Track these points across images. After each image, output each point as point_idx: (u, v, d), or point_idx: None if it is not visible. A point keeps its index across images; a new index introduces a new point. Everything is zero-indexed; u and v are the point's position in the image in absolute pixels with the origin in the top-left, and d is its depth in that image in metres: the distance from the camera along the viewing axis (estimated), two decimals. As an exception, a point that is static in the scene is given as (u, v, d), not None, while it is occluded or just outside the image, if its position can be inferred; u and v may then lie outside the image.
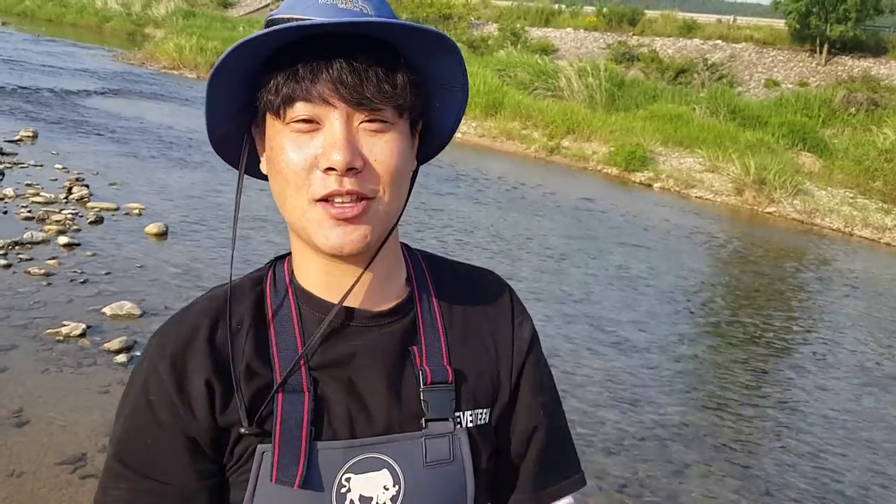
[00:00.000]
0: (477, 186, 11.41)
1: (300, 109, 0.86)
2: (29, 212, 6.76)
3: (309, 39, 0.85)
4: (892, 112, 19.00)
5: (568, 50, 27.48)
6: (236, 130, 0.97)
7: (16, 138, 9.73)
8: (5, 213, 6.71)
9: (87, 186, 7.89)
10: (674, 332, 6.49)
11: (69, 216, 6.81)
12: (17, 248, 5.88)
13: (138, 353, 4.52)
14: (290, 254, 1.01)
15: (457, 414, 0.96)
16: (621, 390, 5.17)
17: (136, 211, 7.36)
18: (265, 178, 0.97)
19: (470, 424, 0.97)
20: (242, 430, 0.88)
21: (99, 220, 6.91)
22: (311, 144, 0.86)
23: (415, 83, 0.90)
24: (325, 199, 0.86)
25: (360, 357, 0.94)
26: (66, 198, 7.41)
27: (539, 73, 20.56)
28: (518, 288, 6.55)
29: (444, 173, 11.96)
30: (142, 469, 0.90)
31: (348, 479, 0.90)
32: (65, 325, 4.72)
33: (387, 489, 0.91)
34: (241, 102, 0.93)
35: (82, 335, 4.67)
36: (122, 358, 4.45)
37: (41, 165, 8.56)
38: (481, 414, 0.98)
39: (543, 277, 7.31)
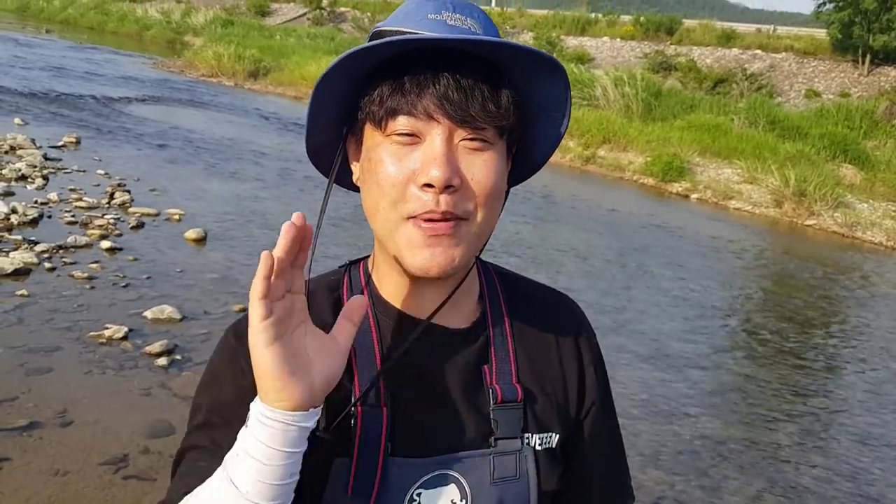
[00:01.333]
0: (512, 196, 11.37)
1: (402, 123, 0.86)
2: (72, 216, 6.89)
3: (415, 53, 0.86)
4: (936, 124, 18.64)
5: (604, 59, 27.38)
6: (331, 139, 0.98)
7: (60, 144, 9.94)
8: (50, 217, 6.85)
9: (128, 192, 8.03)
10: (711, 344, 6.41)
11: (111, 221, 6.93)
12: (61, 251, 5.99)
13: (179, 357, 4.61)
14: (363, 259, 1.03)
15: (525, 434, 0.97)
16: (657, 402, 5.12)
17: (177, 216, 7.46)
18: (354, 189, 1.00)
19: (538, 447, 0.98)
20: (318, 434, 0.87)
21: (140, 225, 7.02)
22: (411, 158, 0.86)
23: (518, 104, 0.89)
24: (419, 217, 0.86)
25: (434, 374, 0.96)
26: (108, 203, 7.54)
27: (575, 82, 20.49)
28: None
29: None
30: (230, 420, 0.88)
31: (419, 494, 0.91)
32: (107, 328, 4.80)
33: None
34: (339, 111, 0.94)
35: (124, 338, 4.74)
36: (162, 361, 4.51)
37: (84, 171, 8.72)
38: (548, 437, 1.00)
39: (580, 287, 7.28)
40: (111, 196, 7.73)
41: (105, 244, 6.28)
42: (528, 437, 0.97)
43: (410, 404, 0.93)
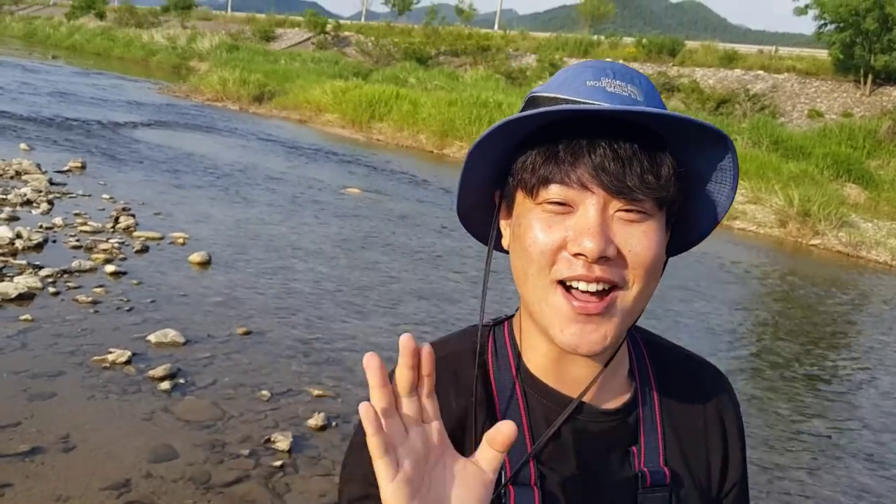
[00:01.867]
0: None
1: (555, 191, 0.83)
2: (77, 241, 6.91)
3: (571, 120, 0.83)
4: (939, 143, 18.65)
5: (606, 81, 27.48)
6: (480, 202, 0.96)
7: (65, 169, 10.00)
8: (54, 241, 6.87)
9: (133, 216, 8.06)
10: (719, 366, 6.37)
11: (116, 245, 6.94)
12: (65, 276, 6.01)
13: (182, 381, 4.60)
14: (505, 319, 1.00)
15: None
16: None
17: (181, 240, 7.48)
18: (506, 252, 0.95)
19: None
20: None
21: (144, 249, 7.04)
22: (562, 226, 0.83)
23: (678, 175, 0.85)
24: (569, 284, 0.83)
25: (584, 453, 0.93)
26: (112, 227, 7.56)
27: (577, 104, 20.59)
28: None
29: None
30: None
31: None
32: (111, 353, 4.79)
33: None
34: (492, 174, 0.92)
35: (128, 362, 4.74)
36: (165, 385, 4.50)
37: (89, 195, 8.76)
38: None
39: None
40: (116, 220, 7.76)
41: (109, 268, 6.29)
42: None
43: (559, 484, 0.91)
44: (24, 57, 31.48)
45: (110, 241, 7.06)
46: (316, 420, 4.27)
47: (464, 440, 0.90)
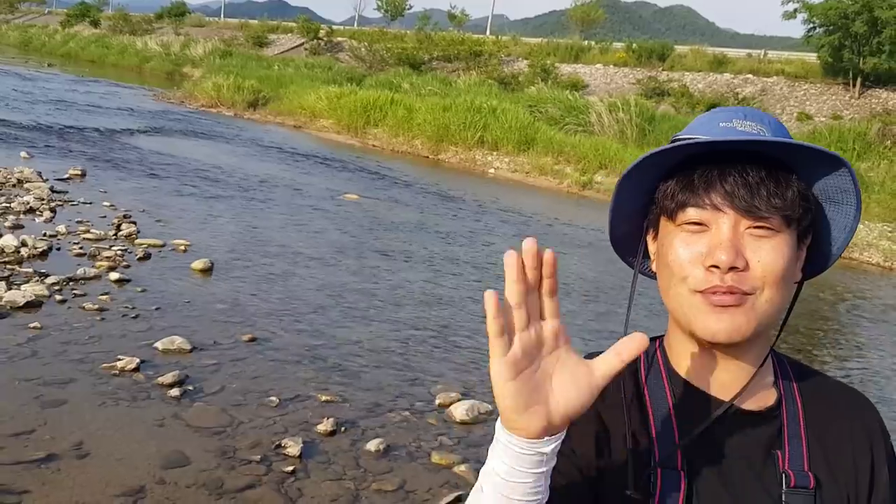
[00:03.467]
0: (513, 221, 11.51)
1: (692, 214, 0.96)
2: (81, 248, 6.97)
3: (706, 155, 0.96)
4: (928, 145, 18.83)
5: (598, 86, 27.65)
6: (632, 232, 1.09)
7: (66, 177, 10.05)
8: (59, 249, 6.92)
9: (134, 223, 8.12)
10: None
11: (119, 252, 7.00)
12: (71, 283, 6.06)
13: (191, 388, 4.66)
14: (659, 337, 1.12)
15: None
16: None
17: (182, 247, 7.54)
18: (653, 276, 1.08)
19: None
20: (628, 492, 0.95)
21: (147, 257, 7.10)
22: (699, 243, 0.96)
23: (805, 197, 0.97)
24: (705, 292, 0.95)
25: (728, 449, 1.01)
26: (115, 234, 7.62)
27: (570, 109, 20.73)
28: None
29: (479, 209, 12.09)
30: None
31: None
32: (119, 360, 4.85)
33: None
34: (640, 204, 1.05)
35: (136, 369, 4.80)
36: (174, 392, 4.57)
37: (90, 203, 8.82)
38: None
39: (580, 313, 7.35)
40: (118, 228, 7.82)
41: (114, 276, 6.35)
42: None
43: (705, 473, 1.00)
44: (20, 65, 31.44)
45: (113, 248, 7.12)
46: (325, 425, 4.34)
47: (614, 435, 1.00)
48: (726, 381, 1.02)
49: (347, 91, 21.27)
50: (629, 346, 0.81)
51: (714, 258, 0.93)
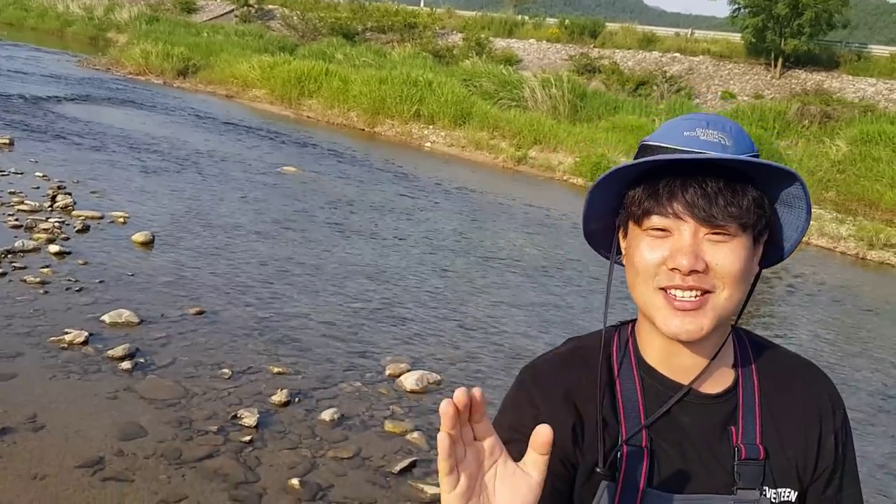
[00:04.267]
0: (449, 194, 11.66)
1: (656, 221, 1.07)
2: (16, 220, 6.82)
3: (669, 165, 1.07)
4: (844, 124, 19.71)
5: (531, 61, 27.92)
6: (603, 229, 1.20)
7: (-8, 145, 9.72)
8: (-8, 221, 6.76)
9: (69, 194, 7.96)
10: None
11: (56, 224, 6.88)
12: (9, 256, 5.95)
13: (142, 360, 4.68)
14: (628, 322, 1.23)
15: (763, 488, 1.14)
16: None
17: (121, 219, 7.45)
18: (622, 265, 1.19)
19: (773, 499, 1.14)
20: (598, 470, 1.10)
21: (85, 229, 7.00)
22: (662, 247, 1.07)
23: (759, 203, 1.08)
24: (668, 288, 1.07)
25: (688, 429, 1.15)
26: (50, 206, 7.47)
27: (504, 84, 20.91)
28: (493, 291, 6.66)
29: (418, 183, 12.19)
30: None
31: None
32: (67, 333, 4.83)
33: None
34: (610, 206, 1.16)
35: (85, 343, 4.78)
36: (126, 365, 4.58)
37: (21, 173, 8.58)
38: (785, 493, 1.16)
39: (521, 284, 7.57)
40: (53, 199, 7.66)
41: (53, 248, 6.26)
42: (765, 490, 1.14)
43: (666, 451, 1.13)
44: (-75, 24, 29.86)
45: (50, 220, 6.99)
46: (279, 396, 4.44)
47: (587, 421, 1.14)
48: (689, 367, 1.15)
49: (281, 60, 20.95)
50: (539, 441, 0.89)
51: (675, 262, 1.05)
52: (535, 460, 0.90)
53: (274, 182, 10.59)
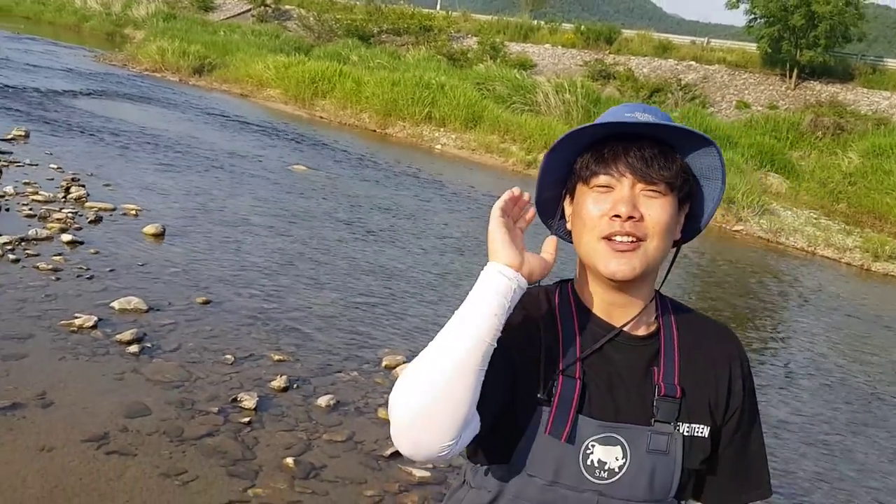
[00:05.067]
0: (458, 197, 11.80)
1: (602, 179, 1.29)
2: (30, 210, 7.01)
3: (614, 137, 1.31)
4: (856, 137, 19.73)
5: (546, 66, 28.03)
6: (552, 198, 1.42)
7: (9, 137, 9.93)
8: (8, 210, 6.95)
9: (83, 186, 8.14)
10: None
11: (69, 215, 7.06)
12: (23, 243, 6.14)
13: (149, 345, 4.85)
14: (568, 280, 1.44)
15: (678, 422, 1.32)
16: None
17: (133, 212, 7.62)
18: (564, 237, 1.41)
19: (686, 433, 1.33)
20: (539, 395, 1.28)
21: (98, 220, 7.17)
22: (606, 200, 1.29)
23: (686, 171, 1.32)
24: (609, 239, 1.28)
25: (617, 365, 1.34)
26: (64, 197, 7.65)
27: (517, 88, 21.04)
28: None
29: (427, 184, 12.34)
30: None
31: (593, 446, 1.29)
32: (77, 318, 5.00)
33: (617, 459, 1.29)
34: (561, 174, 1.37)
35: (94, 327, 4.95)
36: (133, 348, 4.74)
37: (36, 165, 8.78)
38: (698, 428, 1.34)
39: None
40: (66, 190, 7.85)
41: (66, 237, 6.44)
42: (679, 425, 1.32)
43: (597, 382, 1.32)
44: (-52, 18, 30.29)
45: (63, 210, 7.17)
46: (279, 382, 4.59)
47: (531, 349, 1.32)
48: (621, 313, 1.35)
49: (295, 61, 21.17)
50: (549, 248, 1.29)
51: (616, 209, 1.27)
52: (550, 248, 1.30)
53: (284, 180, 10.77)
